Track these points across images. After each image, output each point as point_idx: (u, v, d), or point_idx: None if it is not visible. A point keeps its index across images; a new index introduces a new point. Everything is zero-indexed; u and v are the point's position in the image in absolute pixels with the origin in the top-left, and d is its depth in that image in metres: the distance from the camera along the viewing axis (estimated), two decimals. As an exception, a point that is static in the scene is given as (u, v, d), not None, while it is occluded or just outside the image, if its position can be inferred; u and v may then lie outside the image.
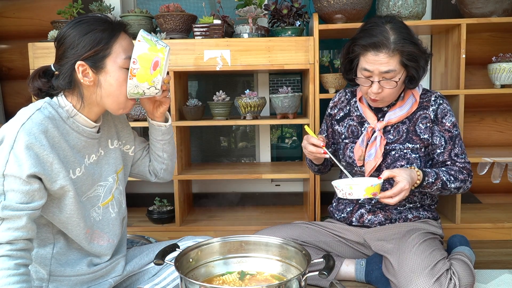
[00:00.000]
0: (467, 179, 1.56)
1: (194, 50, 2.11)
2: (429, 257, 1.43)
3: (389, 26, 1.48)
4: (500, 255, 1.96)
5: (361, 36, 1.51)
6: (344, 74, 1.65)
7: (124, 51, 1.18)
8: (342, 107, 1.75)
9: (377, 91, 1.50)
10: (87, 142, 1.24)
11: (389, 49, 1.45)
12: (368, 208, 1.66)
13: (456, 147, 1.59)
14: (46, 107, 1.16)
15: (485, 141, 2.55)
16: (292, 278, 1.11)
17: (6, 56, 2.60)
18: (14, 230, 1.05)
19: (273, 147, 2.75)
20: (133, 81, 1.16)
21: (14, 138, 1.06)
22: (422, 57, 1.50)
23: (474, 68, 2.47)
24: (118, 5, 2.54)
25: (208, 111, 2.29)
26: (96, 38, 1.15)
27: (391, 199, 1.40)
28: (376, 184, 1.37)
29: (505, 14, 2.13)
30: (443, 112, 1.59)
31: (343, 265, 1.65)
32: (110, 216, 1.33)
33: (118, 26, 1.20)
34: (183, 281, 1.13)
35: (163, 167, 1.48)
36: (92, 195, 1.27)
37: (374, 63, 1.47)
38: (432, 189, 1.51)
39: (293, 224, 1.74)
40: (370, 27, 1.51)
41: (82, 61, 1.14)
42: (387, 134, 1.61)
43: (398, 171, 1.42)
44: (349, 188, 1.37)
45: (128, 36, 1.23)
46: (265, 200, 2.67)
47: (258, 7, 2.15)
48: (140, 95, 1.20)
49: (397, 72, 1.48)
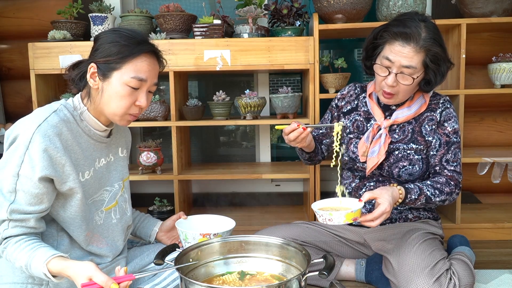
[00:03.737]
0: (454, 190, 1.52)
1: (194, 50, 2.11)
2: (429, 257, 1.43)
3: (423, 24, 1.46)
4: (500, 255, 1.96)
5: (395, 24, 1.48)
6: (364, 59, 1.62)
7: (135, 71, 1.19)
8: (350, 100, 1.73)
9: (392, 83, 1.48)
10: (96, 146, 1.27)
11: (418, 44, 1.43)
12: (369, 207, 1.66)
13: (450, 153, 1.55)
14: (62, 109, 1.20)
15: (485, 141, 2.55)
16: (292, 278, 1.11)
17: (6, 56, 2.60)
18: (23, 227, 1.13)
19: (273, 147, 2.75)
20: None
21: (29, 139, 1.10)
22: (444, 62, 1.49)
23: (474, 68, 2.47)
24: (118, 5, 2.54)
25: (208, 111, 2.29)
26: (113, 50, 1.18)
27: (372, 222, 1.36)
28: (356, 210, 1.33)
29: (505, 14, 2.13)
30: (448, 116, 1.58)
31: (343, 265, 1.65)
32: (111, 221, 1.34)
33: (142, 47, 1.20)
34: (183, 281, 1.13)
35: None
36: (98, 198, 1.29)
37: (398, 54, 1.45)
38: (415, 205, 1.48)
39: (293, 224, 1.74)
40: (406, 19, 1.48)
41: (95, 64, 1.19)
42: (392, 133, 1.60)
43: (379, 192, 1.38)
44: (328, 214, 1.34)
45: (154, 59, 1.24)
46: (265, 200, 2.66)
47: (258, 7, 2.15)
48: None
49: (416, 70, 1.46)
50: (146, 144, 2.25)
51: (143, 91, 1.23)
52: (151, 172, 2.28)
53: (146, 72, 1.21)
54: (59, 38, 2.17)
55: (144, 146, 2.24)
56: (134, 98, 1.21)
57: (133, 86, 1.19)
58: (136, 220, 1.55)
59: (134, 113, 1.24)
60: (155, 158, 2.23)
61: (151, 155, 2.22)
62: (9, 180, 1.11)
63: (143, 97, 1.23)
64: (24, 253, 1.10)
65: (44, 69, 2.15)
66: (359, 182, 1.67)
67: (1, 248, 1.13)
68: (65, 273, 1.08)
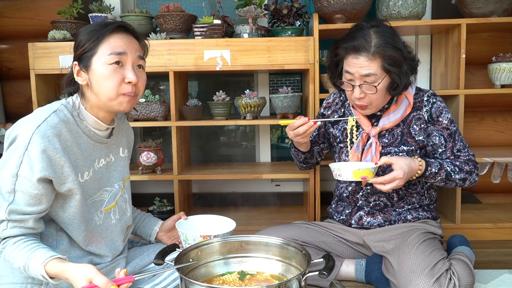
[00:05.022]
0: (473, 171, 1.54)
1: (194, 50, 2.11)
2: (429, 257, 1.43)
3: (373, 30, 1.47)
4: (500, 255, 1.96)
5: (343, 39, 1.52)
6: (331, 78, 1.65)
7: (110, 48, 1.18)
8: (336, 109, 1.74)
9: (359, 96, 1.49)
10: (96, 146, 1.27)
11: (369, 52, 1.44)
12: (367, 210, 1.66)
13: (457, 142, 1.57)
14: (62, 109, 1.19)
15: (485, 141, 2.55)
16: (292, 278, 1.11)
17: (6, 56, 2.60)
18: (22, 228, 1.13)
19: (273, 147, 2.75)
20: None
21: (29, 140, 1.09)
22: (405, 63, 1.48)
23: (474, 68, 2.47)
24: (118, 5, 2.54)
25: (208, 111, 2.29)
26: (85, 39, 1.18)
27: (383, 185, 1.39)
28: (364, 168, 1.37)
29: (505, 14, 2.13)
30: (438, 110, 1.58)
31: (343, 265, 1.65)
32: (110, 222, 1.34)
33: (110, 26, 1.20)
34: (183, 281, 1.13)
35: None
36: (97, 199, 1.29)
37: (354, 65, 1.46)
38: (435, 180, 1.50)
39: (293, 225, 1.74)
40: (354, 30, 1.51)
41: (76, 61, 1.19)
42: (382, 138, 1.60)
43: (397, 159, 1.42)
44: (338, 169, 1.41)
45: (127, 34, 1.22)
46: (265, 200, 2.66)
47: (258, 7, 2.15)
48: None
49: (378, 77, 1.46)
50: (146, 144, 2.25)
51: (128, 66, 1.20)
52: (151, 172, 2.28)
53: (122, 46, 1.19)
54: (59, 38, 2.17)
55: (144, 146, 2.24)
56: (121, 75, 1.19)
57: (114, 62, 1.17)
58: (136, 219, 1.55)
59: (127, 92, 1.20)
60: (155, 158, 2.23)
61: (151, 155, 2.22)
62: (8, 180, 1.11)
63: (130, 72, 1.20)
64: (22, 254, 1.10)
65: (44, 69, 2.15)
66: (355, 185, 1.67)
67: (0, 249, 1.13)
68: (63, 275, 1.07)
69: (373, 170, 1.42)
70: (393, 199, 1.62)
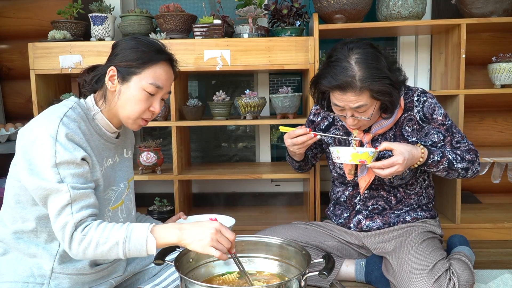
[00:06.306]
0: (475, 160, 1.53)
1: (194, 50, 2.11)
2: (429, 258, 1.43)
3: (354, 59, 1.37)
4: (500, 255, 1.96)
5: (324, 76, 1.41)
6: (319, 104, 1.60)
7: (154, 78, 1.23)
8: (325, 115, 1.70)
9: (353, 124, 1.47)
10: (106, 146, 1.29)
11: (356, 88, 1.36)
12: (366, 214, 1.65)
13: (455, 135, 1.57)
14: (76, 107, 1.22)
15: (485, 141, 2.55)
16: (292, 278, 1.11)
17: (6, 56, 2.60)
18: (88, 208, 1.11)
19: (273, 147, 2.75)
20: None
21: (56, 131, 1.11)
22: (394, 89, 1.41)
23: (474, 68, 2.47)
24: (118, 5, 2.54)
25: (208, 111, 2.29)
26: (134, 56, 1.22)
27: (381, 170, 1.38)
28: (363, 152, 1.35)
29: (505, 14, 2.13)
30: (431, 108, 1.55)
31: (343, 266, 1.65)
32: (118, 220, 1.35)
33: (161, 55, 1.25)
34: (183, 281, 1.13)
35: None
36: (105, 197, 1.29)
37: (343, 100, 1.41)
38: (438, 169, 1.49)
39: (292, 225, 1.74)
40: (334, 64, 1.40)
41: (115, 67, 1.22)
42: (375, 143, 1.58)
43: (397, 145, 1.40)
44: (336, 151, 1.41)
45: (170, 68, 1.29)
46: (265, 200, 2.67)
47: (258, 7, 2.15)
48: None
49: (368, 106, 1.41)
50: (146, 144, 2.25)
51: (158, 97, 1.26)
52: (151, 172, 2.28)
53: (163, 80, 1.25)
54: (59, 38, 2.17)
55: (144, 146, 2.24)
56: (149, 103, 1.25)
57: (150, 92, 1.23)
58: (136, 221, 1.55)
59: (146, 118, 1.28)
60: (155, 158, 2.23)
61: (151, 155, 2.23)
62: (51, 172, 1.08)
63: (157, 104, 1.27)
64: (117, 229, 1.09)
65: (44, 69, 2.15)
66: (352, 190, 1.66)
67: (80, 236, 1.08)
68: (178, 231, 1.11)
69: (372, 155, 1.39)
70: (391, 202, 1.62)
